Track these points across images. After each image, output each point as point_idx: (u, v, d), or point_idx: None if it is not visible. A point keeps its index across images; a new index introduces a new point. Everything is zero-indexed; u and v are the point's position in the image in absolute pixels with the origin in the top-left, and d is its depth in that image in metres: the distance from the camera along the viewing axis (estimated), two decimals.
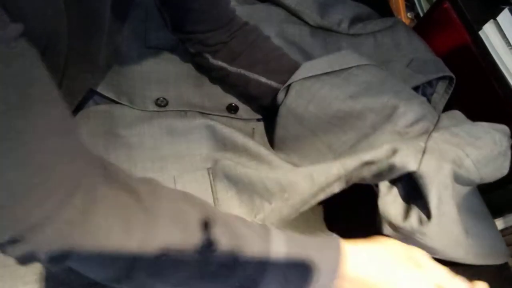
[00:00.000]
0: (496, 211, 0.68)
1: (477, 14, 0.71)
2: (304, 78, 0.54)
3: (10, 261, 0.45)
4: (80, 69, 0.43)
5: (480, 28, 0.69)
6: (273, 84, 0.57)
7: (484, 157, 0.46)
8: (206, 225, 0.36)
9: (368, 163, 0.47)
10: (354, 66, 0.55)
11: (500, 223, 0.71)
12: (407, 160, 0.45)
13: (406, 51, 0.75)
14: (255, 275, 0.36)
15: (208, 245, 0.35)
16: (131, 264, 0.32)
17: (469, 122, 0.52)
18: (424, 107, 0.52)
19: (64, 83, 0.41)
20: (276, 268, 0.37)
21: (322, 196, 0.51)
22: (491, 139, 0.48)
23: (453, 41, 0.75)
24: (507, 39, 0.65)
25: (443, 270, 0.44)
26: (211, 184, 0.56)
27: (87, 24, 0.39)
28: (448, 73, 0.68)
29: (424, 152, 0.46)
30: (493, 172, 0.48)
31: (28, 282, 0.46)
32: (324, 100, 0.53)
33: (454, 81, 0.68)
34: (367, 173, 0.48)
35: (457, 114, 0.53)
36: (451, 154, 0.45)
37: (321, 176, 0.49)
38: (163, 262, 0.33)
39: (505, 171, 0.50)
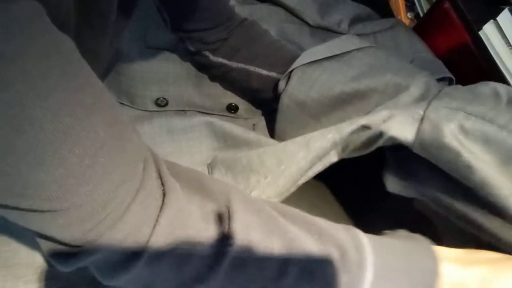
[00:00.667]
0: None
1: (477, 14, 0.71)
2: (305, 65, 0.54)
3: (12, 261, 0.46)
4: None
5: (480, 28, 0.69)
6: (274, 75, 0.58)
7: (492, 108, 0.40)
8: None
9: (364, 127, 0.45)
10: (355, 49, 0.55)
11: None
12: (403, 128, 0.42)
13: (406, 51, 0.75)
14: None
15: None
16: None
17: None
18: (427, 82, 0.51)
19: None
20: None
21: (319, 167, 0.49)
22: (492, 90, 0.43)
23: (453, 41, 0.75)
24: (507, 39, 0.65)
25: None
26: None
27: (92, 26, 0.39)
28: (448, 74, 0.68)
29: (422, 119, 0.42)
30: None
31: (29, 281, 0.46)
32: (326, 85, 0.53)
33: (454, 82, 0.68)
34: (362, 138, 0.45)
35: (460, 87, 0.50)
36: (451, 117, 0.41)
37: (316, 142, 0.47)
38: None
39: None
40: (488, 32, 0.68)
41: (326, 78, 0.53)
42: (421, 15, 0.93)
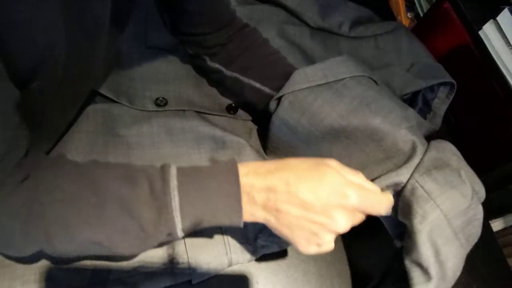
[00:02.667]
0: (496, 211, 0.68)
1: (477, 14, 0.72)
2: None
3: (10, 260, 0.46)
4: (80, 74, 0.43)
5: (480, 28, 0.69)
6: (267, 90, 0.57)
7: (454, 208, 0.45)
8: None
9: None
10: (348, 77, 0.54)
11: (500, 223, 0.70)
12: None
13: (407, 55, 0.74)
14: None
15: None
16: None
17: (455, 159, 0.49)
18: (414, 132, 0.50)
19: (64, 88, 0.41)
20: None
21: None
22: (467, 189, 0.46)
23: (453, 41, 0.75)
24: (507, 39, 0.65)
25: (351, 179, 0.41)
26: None
27: (86, 31, 0.39)
28: (449, 79, 0.67)
29: (399, 193, 0.46)
30: (467, 225, 0.47)
31: (27, 281, 0.46)
32: (316, 116, 0.52)
33: (456, 87, 0.67)
34: None
35: (447, 147, 0.50)
36: (422, 206, 0.45)
37: None
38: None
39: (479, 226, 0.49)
40: (488, 32, 0.68)
41: (317, 108, 0.52)
42: (421, 15, 0.93)
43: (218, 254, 0.51)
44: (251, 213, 0.40)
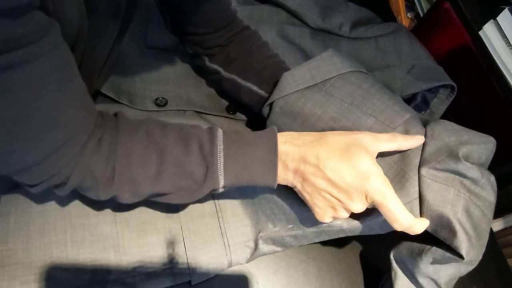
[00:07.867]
0: (496, 211, 0.68)
1: (477, 14, 0.72)
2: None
3: (9, 260, 0.46)
4: (89, 71, 0.44)
5: (480, 28, 0.69)
6: (263, 93, 0.56)
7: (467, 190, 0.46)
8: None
9: None
10: (336, 76, 0.52)
11: (500, 223, 0.70)
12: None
13: (407, 57, 0.74)
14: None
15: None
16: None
17: (453, 140, 0.48)
18: (409, 128, 0.49)
19: None
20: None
21: (326, 237, 0.52)
22: (475, 172, 0.46)
23: (453, 41, 0.75)
24: (507, 39, 0.65)
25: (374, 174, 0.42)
26: None
27: (98, 28, 0.39)
28: (449, 81, 0.67)
29: (420, 198, 0.45)
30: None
31: (26, 281, 0.46)
32: (307, 120, 0.51)
33: (456, 89, 0.67)
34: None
35: (442, 130, 0.49)
36: (449, 195, 0.45)
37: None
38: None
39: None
40: (488, 32, 0.68)
41: (308, 112, 0.51)
42: (421, 15, 0.93)
43: (218, 255, 0.51)
44: (283, 177, 0.45)
